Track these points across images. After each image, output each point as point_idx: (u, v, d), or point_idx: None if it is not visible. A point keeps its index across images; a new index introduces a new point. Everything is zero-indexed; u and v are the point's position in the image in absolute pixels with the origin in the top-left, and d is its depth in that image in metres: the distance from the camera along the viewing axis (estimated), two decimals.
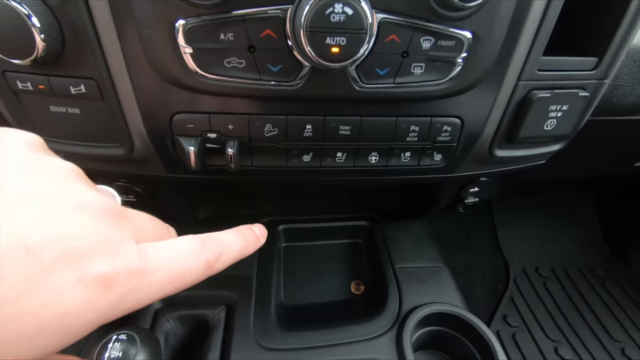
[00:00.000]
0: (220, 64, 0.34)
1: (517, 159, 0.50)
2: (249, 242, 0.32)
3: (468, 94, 0.41)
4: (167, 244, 0.24)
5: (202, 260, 0.25)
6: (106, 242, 0.21)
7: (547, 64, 0.41)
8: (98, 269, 0.19)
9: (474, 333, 0.62)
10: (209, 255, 0.26)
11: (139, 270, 0.21)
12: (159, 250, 0.23)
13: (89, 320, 0.19)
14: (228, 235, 0.30)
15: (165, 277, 0.23)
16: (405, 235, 0.82)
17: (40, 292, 0.17)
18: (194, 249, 0.25)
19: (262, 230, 0.37)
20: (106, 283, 0.20)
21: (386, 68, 0.36)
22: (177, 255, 0.24)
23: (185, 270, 0.24)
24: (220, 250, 0.27)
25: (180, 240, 0.25)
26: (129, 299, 0.21)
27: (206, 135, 0.40)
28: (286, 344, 0.58)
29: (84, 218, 0.20)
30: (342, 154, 0.44)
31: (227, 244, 0.29)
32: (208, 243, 0.27)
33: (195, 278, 0.25)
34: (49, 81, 0.36)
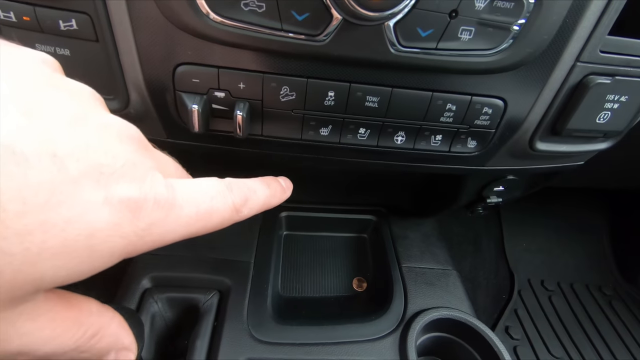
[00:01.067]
0: (237, 6, 0.29)
1: (558, 155, 0.45)
2: (275, 192, 0.32)
3: (516, 72, 0.36)
4: (194, 182, 0.23)
5: (229, 202, 0.25)
6: (133, 166, 0.20)
7: (611, 45, 0.35)
8: (126, 191, 0.19)
9: (483, 343, 0.58)
10: (236, 199, 0.25)
11: (166, 201, 0.20)
12: (186, 186, 0.22)
13: (116, 246, 0.18)
14: (254, 182, 0.29)
15: (193, 214, 0.22)
16: (414, 234, 0.78)
17: (65, 205, 0.16)
18: (221, 189, 0.25)
19: (288, 183, 0.36)
20: (134, 208, 0.19)
21: (430, 29, 0.31)
22: (204, 193, 0.23)
23: (213, 210, 0.23)
24: (247, 195, 0.26)
25: (206, 180, 0.24)
26: (156, 231, 0.20)
27: (213, 94, 0.35)
28: (280, 338, 0.54)
29: (110, 138, 0.19)
30: (365, 130, 0.39)
31: (253, 190, 0.28)
32: (235, 186, 0.26)
33: (221, 220, 0.24)
34: (35, 12, 0.31)
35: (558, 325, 1.14)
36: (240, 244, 0.68)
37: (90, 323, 0.21)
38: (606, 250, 1.36)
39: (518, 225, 1.36)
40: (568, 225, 1.38)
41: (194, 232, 0.22)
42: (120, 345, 0.24)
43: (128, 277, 0.61)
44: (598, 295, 1.25)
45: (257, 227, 0.73)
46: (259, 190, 0.29)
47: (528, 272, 1.28)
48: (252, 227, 0.72)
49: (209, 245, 0.66)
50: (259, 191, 0.29)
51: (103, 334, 0.22)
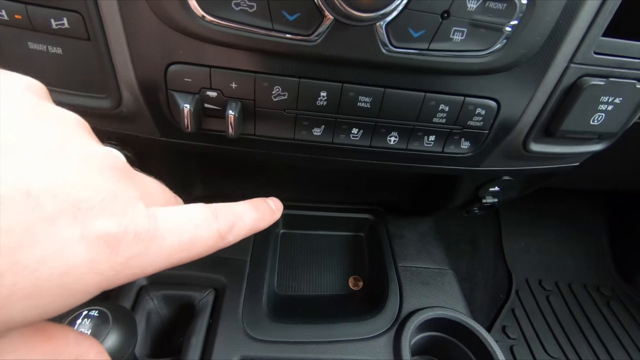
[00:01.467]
0: (228, 5, 0.29)
1: (553, 156, 0.45)
2: (263, 216, 0.31)
3: (510, 73, 0.35)
4: (177, 209, 0.23)
5: (213, 229, 0.24)
6: (113, 199, 0.19)
7: (605, 47, 0.35)
8: (104, 227, 0.18)
9: (477, 343, 0.58)
10: (221, 226, 0.25)
11: (147, 233, 0.20)
12: (169, 215, 0.22)
13: (91, 283, 0.18)
14: (241, 206, 0.28)
15: (175, 244, 0.21)
16: (410, 233, 0.78)
17: (39, 245, 0.16)
18: (206, 217, 0.24)
19: (278, 205, 0.36)
20: (112, 244, 0.18)
21: (421, 30, 0.31)
22: (188, 221, 0.23)
23: (197, 238, 0.23)
24: (233, 222, 0.26)
25: (191, 207, 0.24)
26: (135, 264, 0.19)
27: (205, 93, 0.35)
28: (275, 336, 0.54)
29: (91, 171, 0.19)
30: (357, 131, 0.39)
31: (240, 216, 0.27)
32: (220, 213, 0.25)
33: (205, 248, 0.24)
34: (27, 10, 0.31)
35: (555, 325, 1.14)
36: (237, 242, 0.68)
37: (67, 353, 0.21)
38: (605, 250, 1.36)
39: (516, 224, 1.36)
40: (567, 225, 1.37)
41: (176, 262, 0.22)
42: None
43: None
44: (596, 295, 1.24)
45: None
46: (245, 215, 0.28)
47: (526, 271, 1.28)
48: None
49: None
50: (246, 216, 0.28)
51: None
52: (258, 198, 0.32)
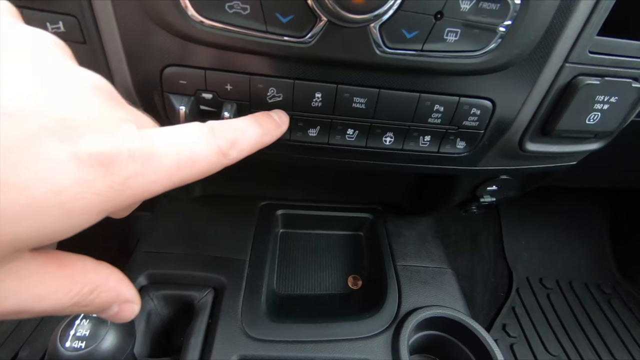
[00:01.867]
0: (221, 8, 0.29)
1: (549, 155, 0.45)
2: (267, 130, 0.30)
3: (504, 73, 0.35)
4: (172, 128, 0.22)
5: (213, 146, 0.23)
6: (101, 119, 0.18)
7: (600, 46, 0.35)
8: (94, 145, 0.17)
9: (476, 342, 0.58)
10: (221, 142, 0.24)
11: (142, 151, 0.19)
12: (163, 134, 0.21)
13: (91, 203, 0.17)
14: (241, 121, 0.27)
15: (174, 162, 0.21)
16: (409, 232, 0.78)
17: (26, 165, 0.15)
18: (203, 134, 0.23)
19: (283, 117, 0.34)
20: (105, 162, 0.17)
21: (415, 31, 0.31)
22: (185, 139, 0.22)
23: (196, 156, 0.22)
24: (234, 137, 0.25)
25: (186, 125, 0.23)
26: (136, 184, 0.19)
27: (200, 95, 0.35)
28: (274, 336, 0.55)
29: (77, 89, 0.18)
30: (353, 131, 0.39)
31: (241, 130, 0.26)
32: (218, 129, 0.24)
33: (207, 167, 0.23)
34: (23, 15, 0.31)
35: (556, 323, 1.13)
36: (236, 241, 0.69)
37: (86, 281, 0.21)
38: (606, 248, 1.35)
39: (517, 222, 1.35)
40: (568, 223, 1.37)
41: (178, 182, 0.21)
42: (123, 299, 0.24)
43: (124, 274, 0.62)
44: (597, 293, 1.24)
45: (253, 225, 0.73)
46: (247, 130, 0.27)
47: (527, 270, 1.28)
48: (247, 225, 0.73)
49: (204, 243, 0.67)
50: (248, 130, 0.27)
51: (101, 290, 0.22)
52: (261, 112, 0.31)
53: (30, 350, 0.82)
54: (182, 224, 0.71)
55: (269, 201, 0.79)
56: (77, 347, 0.35)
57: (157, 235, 0.68)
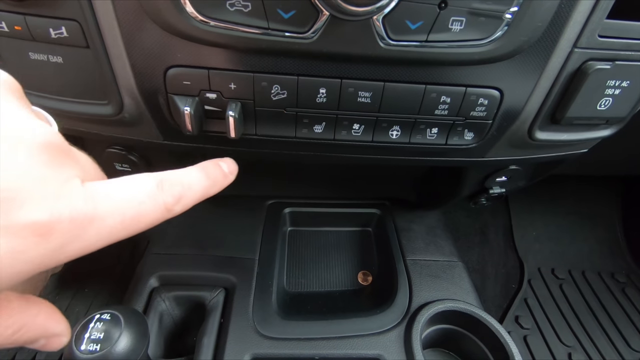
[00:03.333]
0: (222, 6, 0.29)
1: (559, 144, 0.44)
2: (215, 181, 0.29)
3: (512, 61, 0.35)
4: (119, 184, 0.22)
5: (160, 203, 0.23)
6: (43, 183, 0.18)
7: (610, 29, 0.34)
8: (31, 216, 0.17)
9: (489, 334, 0.58)
10: (168, 198, 0.23)
11: (85, 216, 0.19)
12: (110, 192, 0.21)
13: (22, 270, 0.17)
14: (190, 175, 0.27)
15: (118, 223, 0.20)
16: (418, 226, 0.77)
17: None
18: (151, 191, 0.23)
19: (232, 167, 0.33)
20: (42, 232, 0.17)
21: (419, 21, 0.30)
22: (131, 198, 0.21)
23: (141, 215, 0.22)
24: (181, 193, 0.25)
25: (134, 180, 0.23)
26: (72, 248, 0.19)
27: (205, 96, 0.35)
28: (286, 333, 0.55)
29: (17, 154, 0.17)
30: (359, 126, 0.39)
31: (188, 185, 0.26)
32: (167, 184, 0.24)
33: (150, 223, 0.23)
34: (26, 21, 0.31)
35: (569, 313, 1.12)
36: (245, 241, 0.69)
37: (11, 323, 0.20)
38: (619, 236, 1.33)
39: (527, 213, 1.34)
40: (579, 212, 1.35)
41: (119, 239, 0.21)
42: (50, 334, 0.23)
43: (136, 277, 0.62)
44: (611, 282, 1.22)
45: (261, 224, 0.73)
46: (194, 184, 0.27)
47: (538, 260, 1.26)
48: (256, 224, 0.73)
49: (213, 243, 0.67)
50: (195, 184, 0.27)
51: (27, 329, 0.21)
52: (210, 161, 0.30)
53: (48, 354, 0.83)
54: (190, 225, 0.71)
55: (276, 200, 0.79)
56: (92, 349, 0.36)
57: (167, 237, 0.68)
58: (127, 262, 1.02)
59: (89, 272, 0.99)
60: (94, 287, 0.94)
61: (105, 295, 0.95)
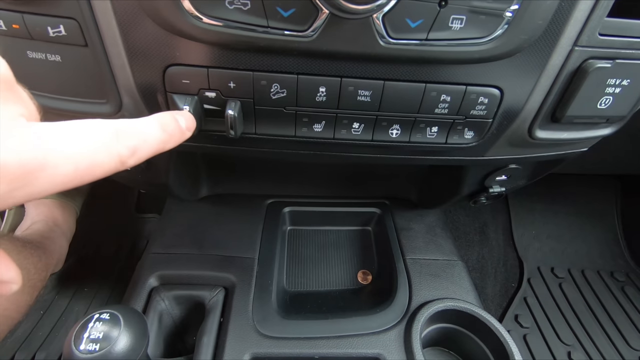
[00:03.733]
0: (221, 4, 0.29)
1: (560, 142, 0.44)
2: (171, 136, 0.27)
3: (512, 59, 0.35)
4: (73, 129, 0.20)
5: (114, 155, 0.21)
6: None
7: (611, 27, 0.34)
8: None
9: (489, 333, 0.58)
10: (123, 150, 0.22)
11: (36, 163, 0.17)
12: (63, 137, 0.19)
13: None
14: (148, 126, 0.25)
15: (70, 172, 0.19)
16: (418, 225, 0.77)
17: None
18: (107, 141, 0.21)
19: (190, 122, 0.31)
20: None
21: (419, 19, 0.30)
22: (86, 146, 0.20)
23: (95, 165, 0.20)
24: (136, 145, 0.23)
25: (88, 126, 0.21)
26: (20, 194, 0.17)
27: (204, 94, 0.35)
28: (286, 333, 0.55)
29: None
30: (359, 125, 0.38)
31: (144, 138, 0.24)
32: (123, 135, 0.22)
33: (103, 174, 0.21)
34: (24, 19, 0.31)
35: (569, 312, 1.12)
36: (244, 240, 0.69)
37: None
38: (618, 235, 1.33)
39: (527, 212, 1.34)
40: (578, 211, 1.35)
41: (70, 187, 0.20)
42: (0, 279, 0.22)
43: (135, 277, 0.62)
44: (610, 281, 1.23)
45: (261, 223, 0.73)
46: (150, 137, 0.25)
47: (537, 259, 1.27)
48: (255, 224, 0.73)
49: (213, 243, 0.67)
50: (151, 137, 0.25)
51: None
52: (167, 113, 0.28)
53: (47, 354, 0.83)
54: (190, 224, 0.71)
55: (276, 199, 0.79)
56: (92, 349, 0.35)
57: (166, 236, 0.68)
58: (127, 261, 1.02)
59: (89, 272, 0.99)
60: (94, 286, 0.94)
61: (104, 294, 0.95)
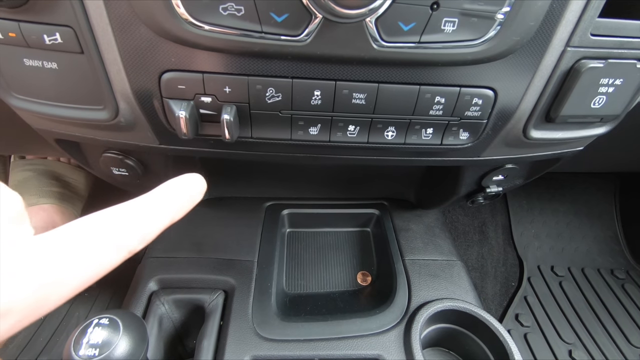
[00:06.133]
0: (215, 10, 0.29)
1: (554, 142, 0.44)
2: (179, 211, 0.25)
3: (505, 61, 0.35)
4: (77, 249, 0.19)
5: (124, 255, 0.21)
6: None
7: (602, 28, 0.34)
8: None
9: (488, 333, 0.58)
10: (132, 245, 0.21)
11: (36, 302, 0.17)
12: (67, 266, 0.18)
13: None
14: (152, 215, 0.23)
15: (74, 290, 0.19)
16: (416, 226, 0.77)
17: None
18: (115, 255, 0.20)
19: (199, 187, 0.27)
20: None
21: (411, 23, 0.30)
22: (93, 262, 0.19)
23: (106, 269, 0.20)
24: (144, 234, 0.22)
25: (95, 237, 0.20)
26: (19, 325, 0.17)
27: (200, 99, 0.35)
28: (285, 335, 0.55)
29: None
30: (354, 128, 0.39)
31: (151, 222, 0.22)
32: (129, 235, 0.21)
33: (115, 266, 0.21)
34: (20, 28, 0.31)
35: (569, 310, 1.12)
36: (244, 243, 0.69)
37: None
38: (617, 233, 1.33)
39: (526, 211, 1.34)
40: (577, 209, 1.35)
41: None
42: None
43: (135, 281, 0.62)
44: (610, 279, 1.23)
45: (260, 226, 0.73)
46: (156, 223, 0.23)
47: (537, 258, 1.27)
48: (254, 226, 0.73)
49: (212, 246, 0.67)
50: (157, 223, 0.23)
51: None
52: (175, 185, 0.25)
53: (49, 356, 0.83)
54: (188, 228, 0.71)
55: (274, 201, 0.79)
56: (91, 354, 0.36)
57: (165, 240, 0.68)
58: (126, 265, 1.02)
59: None
60: (94, 291, 0.94)
61: (105, 299, 0.95)
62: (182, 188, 0.25)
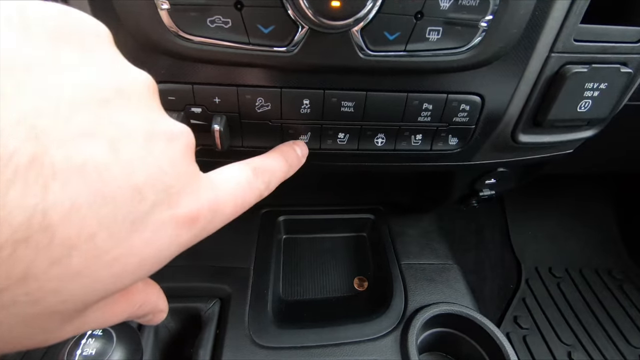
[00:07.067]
0: (203, 23, 0.30)
1: (543, 146, 0.45)
2: (291, 165, 0.33)
3: (491, 67, 0.35)
4: (228, 174, 0.25)
5: (255, 189, 0.26)
6: (192, 179, 0.21)
7: (585, 34, 0.35)
8: (188, 207, 0.20)
9: (485, 336, 0.58)
10: (261, 185, 0.27)
11: (215, 203, 0.22)
12: (224, 182, 0.24)
13: (173, 253, 0.20)
14: (274, 161, 0.30)
15: (231, 209, 0.23)
16: (412, 230, 0.78)
17: (142, 232, 0.18)
18: (250, 179, 0.26)
19: (304, 150, 0.37)
20: (193, 220, 0.20)
21: (396, 32, 0.31)
22: (238, 186, 0.24)
23: (245, 201, 0.25)
24: (269, 179, 0.28)
25: (236, 169, 0.25)
26: (205, 232, 0.22)
27: (190, 110, 0.35)
28: (282, 342, 0.55)
29: (175, 154, 0.20)
30: (344, 135, 0.39)
31: (272, 172, 0.29)
32: (260, 172, 0.27)
33: (248, 206, 0.26)
34: None
35: (568, 312, 1.12)
36: (239, 250, 0.69)
37: (137, 299, 0.23)
38: (614, 233, 1.34)
39: (522, 212, 1.34)
40: (574, 210, 1.36)
41: (228, 221, 0.24)
42: (158, 309, 0.26)
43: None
44: (608, 279, 1.23)
45: (255, 232, 0.73)
46: (278, 170, 0.30)
47: (535, 260, 1.27)
48: (250, 233, 0.73)
49: (207, 254, 0.67)
50: (278, 171, 0.30)
51: (145, 305, 0.24)
52: (287, 145, 0.34)
53: None
54: None
55: (270, 208, 0.80)
56: None
57: None
58: None
59: None
60: None
61: None
62: (293, 150, 0.34)
